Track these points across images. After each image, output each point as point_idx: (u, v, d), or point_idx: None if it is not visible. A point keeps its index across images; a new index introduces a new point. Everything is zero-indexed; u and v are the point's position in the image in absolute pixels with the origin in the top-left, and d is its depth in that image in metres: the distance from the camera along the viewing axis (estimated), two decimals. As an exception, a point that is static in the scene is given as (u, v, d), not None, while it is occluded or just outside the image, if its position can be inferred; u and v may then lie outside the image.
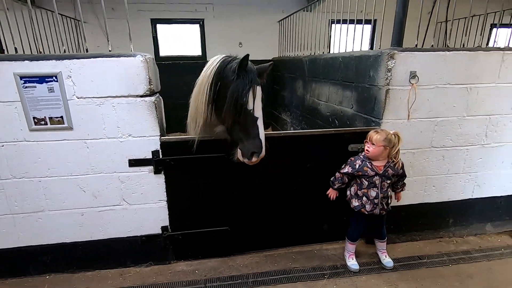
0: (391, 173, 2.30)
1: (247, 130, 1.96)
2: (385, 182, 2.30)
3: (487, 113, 2.63)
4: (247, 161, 2.00)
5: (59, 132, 2.12)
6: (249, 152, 1.96)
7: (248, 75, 1.91)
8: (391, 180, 2.33)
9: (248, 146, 1.96)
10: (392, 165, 2.30)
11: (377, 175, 2.28)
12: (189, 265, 2.57)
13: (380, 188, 2.30)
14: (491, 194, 2.91)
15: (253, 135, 1.95)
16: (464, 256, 2.67)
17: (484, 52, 2.48)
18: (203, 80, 2.04)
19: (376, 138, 2.23)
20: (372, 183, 2.30)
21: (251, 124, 1.95)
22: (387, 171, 2.29)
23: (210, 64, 2.06)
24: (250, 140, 1.95)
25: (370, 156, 2.29)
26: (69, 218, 2.33)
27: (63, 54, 2.07)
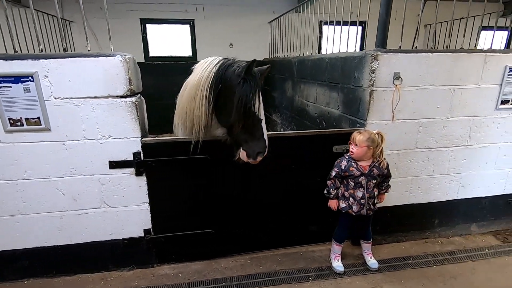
0: (376, 172, 2.30)
1: (252, 132, 2.02)
2: (371, 182, 2.30)
3: (471, 115, 2.65)
4: (252, 161, 2.07)
5: (36, 134, 2.07)
6: (254, 152, 2.03)
7: (255, 79, 1.96)
8: (376, 180, 2.33)
9: (253, 147, 2.03)
10: (377, 165, 2.30)
11: (363, 175, 2.28)
12: (172, 268, 2.53)
13: (366, 188, 2.30)
14: (475, 194, 2.93)
15: (258, 136, 2.02)
16: (448, 257, 2.68)
17: (467, 54, 2.50)
18: (200, 82, 1.99)
19: (359, 139, 2.23)
20: (358, 183, 2.30)
21: (256, 126, 2.02)
22: (372, 170, 2.29)
23: (206, 65, 2.02)
24: (255, 141, 2.02)
25: (354, 157, 2.29)
26: (48, 221, 2.27)
27: (40, 53, 2.02)
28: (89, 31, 5.61)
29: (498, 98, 2.64)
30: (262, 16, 6.32)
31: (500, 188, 2.96)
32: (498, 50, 2.59)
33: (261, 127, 2.02)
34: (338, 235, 2.53)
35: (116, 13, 5.82)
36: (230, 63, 2.01)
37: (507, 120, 2.72)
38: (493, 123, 2.71)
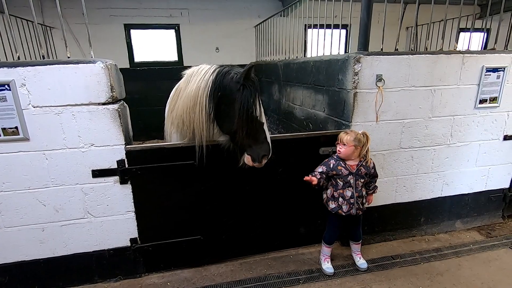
0: (364, 171, 2.34)
1: (256, 136, 2.04)
2: (359, 181, 2.33)
3: (451, 114, 2.72)
4: (257, 164, 2.09)
5: (14, 144, 2.00)
6: (259, 156, 2.06)
7: (254, 84, 1.98)
8: (364, 179, 2.36)
9: (258, 150, 2.05)
10: (364, 164, 2.34)
11: (351, 174, 2.31)
12: (161, 277, 2.48)
13: (355, 188, 2.32)
14: (459, 191, 3.00)
15: (261, 140, 2.05)
16: (435, 254, 2.73)
17: (446, 55, 2.57)
18: (197, 93, 1.98)
19: (347, 139, 2.27)
20: (347, 183, 2.32)
21: (259, 130, 2.04)
22: (360, 169, 2.32)
23: (202, 75, 2.01)
24: (259, 145, 2.05)
25: (342, 156, 2.32)
26: (29, 234, 2.19)
27: (16, 61, 1.96)
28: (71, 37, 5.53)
29: (477, 98, 2.73)
30: (247, 20, 6.36)
31: (481, 184, 3.04)
32: (475, 51, 2.68)
33: (263, 130, 2.06)
34: (327, 237, 2.54)
35: (99, 19, 5.74)
36: (227, 70, 2.03)
37: (485, 118, 2.81)
38: (473, 122, 2.80)
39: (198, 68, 2.09)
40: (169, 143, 2.32)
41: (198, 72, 2.05)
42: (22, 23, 4.53)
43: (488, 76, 2.69)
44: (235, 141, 2.10)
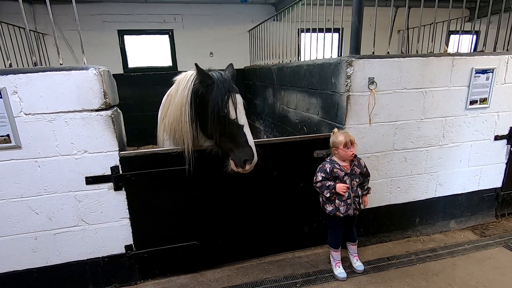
0: (358, 171, 2.36)
1: (235, 139, 1.95)
2: (355, 180, 2.35)
3: (443, 115, 2.76)
4: (241, 170, 1.99)
5: (6, 152, 1.98)
6: (241, 160, 1.95)
7: (224, 84, 1.91)
8: (359, 179, 2.38)
9: (239, 155, 1.95)
10: (357, 163, 2.37)
11: (346, 174, 2.33)
12: (156, 284, 2.45)
13: (350, 188, 2.34)
14: (452, 192, 3.04)
15: (242, 143, 1.94)
16: (430, 254, 2.75)
17: (436, 58, 2.61)
18: (182, 101, 1.99)
19: (354, 138, 2.31)
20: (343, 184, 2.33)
21: (238, 133, 1.94)
22: (354, 169, 2.35)
23: (185, 82, 2.01)
24: (240, 149, 1.95)
25: (348, 158, 2.31)
26: (21, 243, 2.16)
27: (7, 68, 1.95)
28: (65, 43, 5.51)
29: (467, 99, 2.78)
30: (241, 25, 6.40)
31: (474, 184, 3.08)
32: (465, 53, 2.73)
33: (243, 133, 1.95)
34: (332, 241, 2.53)
35: (92, 25, 5.73)
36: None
37: (476, 119, 2.86)
38: (464, 123, 2.84)
39: (185, 75, 2.08)
40: (163, 148, 2.31)
41: (184, 79, 2.04)
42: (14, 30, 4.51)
43: (478, 77, 2.74)
44: (218, 146, 2.06)
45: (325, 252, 2.76)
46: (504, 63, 2.78)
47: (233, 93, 1.93)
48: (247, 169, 1.99)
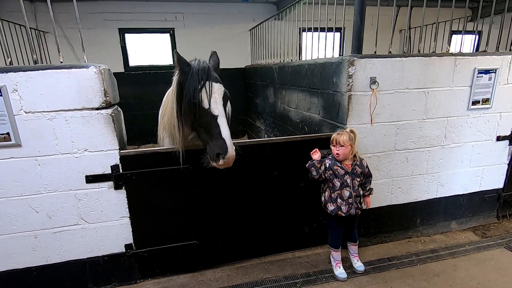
0: (359, 170, 2.35)
1: (209, 130, 1.85)
2: (356, 180, 2.35)
3: (445, 115, 2.75)
4: (216, 164, 1.87)
5: (6, 150, 1.97)
6: (214, 153, 1.83)
7: (199, 72, 1.83)
8: (360, 179, 2.37)
9: (212, 147, 1.84)
10: (359, 163, 2.36)
11: (347, 173, 2.32)
12: (156, 283, 2.45)
13: (352, 187, 2.33)
14: (453, 192, 3.02)
15: (215, 135, 1.82)
16: (431, 255, 2.74)
17: (438, 58, 2.60)
18: (172, 98, 2.00)
19: (344, 139, 2.28)
20: (344, 183, 2.32)
21: (211, 124, 1.83)
22: (355, 168, 2.34)
23: (175, 77, 2.01)
24: (214, 141, 1.84)
25: (341, 158, 2.32)
26: (21, 241, 2.15)
27: (8, 66, 1.94)
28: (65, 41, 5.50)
29: (469, 99, 2.76)
30: (242, 24, 6.38)
31: (476, 185, 3.07)
32: (467, 53, 2.71)
33: (217, 124, 1.81)
34: (332, 241, 2.52)
35: (93, 23, 5.72)
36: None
37: (478, 119, 2.84)
38: (466, 123, 2.82)
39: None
40: (163, 147, 2.30)
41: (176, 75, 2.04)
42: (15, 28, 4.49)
43: (480, 77, 2.72)
44: (199, 137, 2.00)
45: (326, 252, 2.75)
46: (507, 63, 2.77)
47: (209, 81, 1.83)
48: (221, 164, 1.84)
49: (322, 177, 2.36)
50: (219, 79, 1.94)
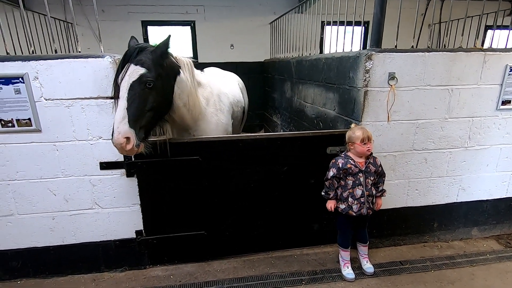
0: (373, 169, 2.27)
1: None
2: (369, 179, 2.27)
3: (470, 115, 2.58)
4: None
5: (27, 135, 2.08)
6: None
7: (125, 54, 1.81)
8: (374, 178, 2.29)
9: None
10: (372, 161, 2.28)
11: (361, 171, 2.24)
12: (164, 270, 2.51)
13: (364, 186, 2.25)
14: (476, 198, 2.84)
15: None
16: (447, 262, 2.60)
17: (465, 53, 2.43)
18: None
19: (371, 135, 2.23)
20: (356, 181, 2.25)
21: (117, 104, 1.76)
22: (368, 167, 2.26)
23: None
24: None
25: (364, 154, 2.23)
26: (40, 222, 2.28)
27: (30, 55, 2.04)
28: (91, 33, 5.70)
29: (499, 98, 2.56)
30: (262, 17, 6.30)
31: (502, 191, 2.87)
32: (498, 49, 2.51)
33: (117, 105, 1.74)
34: (341, 240, 2.46)
35: (117, 15, 5.88)
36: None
37: (508, 121, 2.64)
38: (494, 124, 2.63)
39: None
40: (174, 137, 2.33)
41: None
42: (45, 19, 4.71)
43: (512, 75, 2.52)
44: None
45: (334, 251, 2.69)
46: (544, 60, 2.54)
47: (128, 63, 1.77)
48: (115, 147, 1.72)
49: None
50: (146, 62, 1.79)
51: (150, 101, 1.78)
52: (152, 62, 1.79)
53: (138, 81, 1.74)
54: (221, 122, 2.54)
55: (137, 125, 1.72)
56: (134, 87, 1.73)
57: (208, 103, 2.48)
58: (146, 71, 1.75)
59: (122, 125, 1.67)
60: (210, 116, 2.46)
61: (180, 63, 2.07)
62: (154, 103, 1.80)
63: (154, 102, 1.80)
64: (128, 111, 1.69)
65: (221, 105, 2.60)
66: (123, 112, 1.69)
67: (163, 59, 1.87)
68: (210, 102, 2.50)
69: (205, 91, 2.48)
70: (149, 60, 1.79)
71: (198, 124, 2.37)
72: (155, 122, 1.93)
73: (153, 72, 1.77)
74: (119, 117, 1.68)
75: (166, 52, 1.90)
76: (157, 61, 1.82)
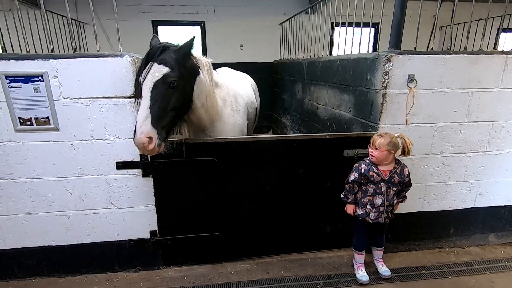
0: (397, 179, 2.18)
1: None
2: (391, 189, 2.19)
3: (490, 119, 2.53)
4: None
5: (45, 133, 2.08)
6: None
7: (148, 53, 1.80)
8: (397, 188, 2.21)
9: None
10: (398, 171, 2.19)
11: (383, 181, 2.17)
12: (178, 271, 2.50)
13: (386, 196, 2.19)
14: (494, 203, 2.79)
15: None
16: (465, 268, 2.56)
17: (486, 56, 2.38)
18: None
19: (380, 142, 2.11)
20: (377, 190, 2.19)
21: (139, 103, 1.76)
22: (393, 177, 2.18)
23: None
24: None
25: (374, 161, 2.18)
26: (56, 220, 2.28)
27: (49, 53, 2.04)
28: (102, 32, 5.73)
29: (520, 102, 2.51)
30: (272, 18, 6.29)
31: (521, 197, 2.81)
32: (521, 51, 2.46)
33: (140, 105, 1.74)
34: (355, 243, 2.42)
35: (128, 15, 5.91)
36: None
37: (529, 125, 2.58)
38: (514, 129, 2.58)
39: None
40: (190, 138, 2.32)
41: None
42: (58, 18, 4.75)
43: (535, 79, 2.46)
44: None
45: (349, 255, 2.66)
46: None
47: (151, 62, 1.75)
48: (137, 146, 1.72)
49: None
50: (169, 61, 1.78)
51: (173, 101, 1.77)
52: (175, 62, 1.77)
53: (161, 81, 1.73)
54: (237, 123, 2.53)
55: (159, 125, 1.70)
56: (158, 87, 1.71)
57: (225, 104, 2.46)
58: (169, 70, 1.74)
59: (145, 124, 1.66)
60: (227, 117, 2.45)
61: (199, 64, 2.05)
62: (176, 103, 1.79)
63: (176, 102, 1.79)
64: (151, 110, 1.68)
65: (237, 106, 2.58)
66: (146, 111, 1.67)
67: (185, 59, 1.86)
68: (227, 103, 2.48)
69: (222, 92, 2.47)
70: (173, 59, 1.77)
71: (214, 125, 2.36)
72: (175, 122, 1.92)
73: (176, 71, 1.76)
74: (142, 117, 1.66)
75: (189, 53, 1.89)
76: (180, 61, 1.80)
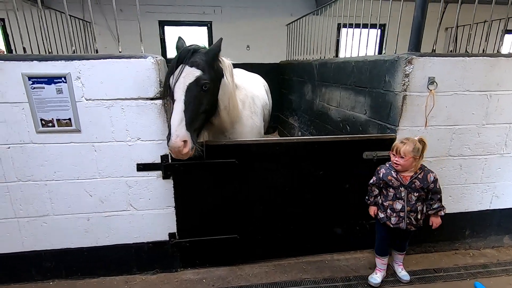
0: (418, 185, 2.15)
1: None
2: (412, 194, 2.16)
3: (508, 122, 2.53)
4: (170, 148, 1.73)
5: (67, 135, 2.06)
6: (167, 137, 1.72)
7: (179, 55, 1.79)
8: (419, 193, 2.17)
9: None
10: (420, 177, 2.16)
11: (403, 186, 2.16)
12: (196, 273, 2.48)
13: (406, 201, 2.17)
14: (510, 205, 2.80)
15: (169, 119, 1.76)
16: (482, 270, 2.56)
17: (505, 58, 2.39)
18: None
19: (406, 150, 2.07)
20: (397, 194, 2.18)
21: (171, 107, 1.76)
22: (413, 182, 2.15)
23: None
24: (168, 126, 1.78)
25: (399, 169, 2.15)
26: (75, 223, 2.26)
27: (73, 54, 2.02)
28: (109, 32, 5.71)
29: (538, 105, 2.52)
30: (279, 19, 6.29)
31: (535, 199, 2.82)
32: (538, 54, 2.47)
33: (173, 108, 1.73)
34: (377, 247, 2.40)
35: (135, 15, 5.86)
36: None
37: (546, 128, 2.60)
38: (531, 131, 2.59)
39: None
40: (210, 140, 2.31)
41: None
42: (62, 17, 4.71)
43: (553, 82, 2.47)
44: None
45: (365, 258, 2.66)
46: None
47: (183, 65, 1.74)
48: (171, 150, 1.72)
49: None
50: (201, 64, 1.78)
51: (204, 103, 1.77)
52: (206, 64, 1.77)
53: (194, 83, 1.72)
54: (255, 125, 2.52)
55: (192, 128, 1.70)
56: (191, 89, 1.71)
57: (244, 106, 2.46)
58: (201, 73, 1.73)
59: (180, 128, 1.65)
60: (246, 119, 2.44)
61: (223, 66, 2.04)
62: (207, 106, 1.78)
63: (207, 104, 1.78)
64: (185, 114, 1.67)
65: (255, 107, 2.57)
66: (181, 114, 1.66)
67: (214, 61, 1.85)
68: (246, 104, 2.48)
69: (241, 94, 2.46)
70: (203, 62, 1.77)
71: (234, 127, 2.35)
72: (204, 125, 1.91)
73: (207, 74, 1.76)
74: (176, 120, 1.65)
75: (218, 55, 1.88)
76: (210, 63, 1.80)
